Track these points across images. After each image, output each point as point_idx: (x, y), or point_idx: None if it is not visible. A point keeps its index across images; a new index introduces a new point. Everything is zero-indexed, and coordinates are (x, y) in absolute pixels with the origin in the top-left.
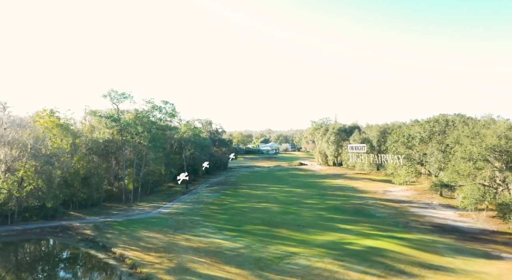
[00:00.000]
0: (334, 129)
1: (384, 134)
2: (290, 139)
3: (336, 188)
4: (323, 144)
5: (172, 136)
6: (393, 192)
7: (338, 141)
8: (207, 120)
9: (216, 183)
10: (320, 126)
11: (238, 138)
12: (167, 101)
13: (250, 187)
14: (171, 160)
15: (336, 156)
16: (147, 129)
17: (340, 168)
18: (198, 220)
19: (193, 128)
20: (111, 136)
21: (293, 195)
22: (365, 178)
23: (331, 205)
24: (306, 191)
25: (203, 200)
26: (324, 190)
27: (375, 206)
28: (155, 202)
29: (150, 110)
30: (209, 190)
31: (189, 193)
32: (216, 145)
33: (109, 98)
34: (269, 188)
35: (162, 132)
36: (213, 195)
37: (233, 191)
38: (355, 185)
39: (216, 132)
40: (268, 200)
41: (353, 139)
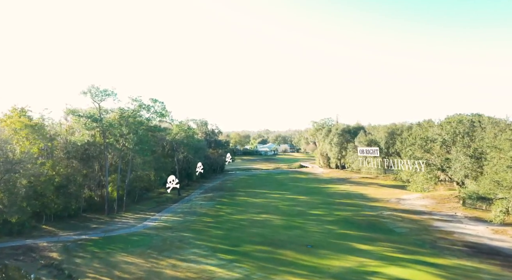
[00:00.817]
0: (337, 130)
1: (392, 136)
2: (289, 139)
3: (344, 195)
4: (325, 145)
5: (163, 138)
6: (408, 200)
7: (341, 142)
8: (203, 120)
9: (212, 189)
10: (321, 127)
11: (236, 138)
12: (156, 99)
13: (248, 194)
14: (161, 164)
15: (340, 158)
16: (133, 131)
17: (343, 171)
18: (188, 238)
19: (186, 129)
20: (91, 138)
21: (296, 203)
22: (373, 183)
23: (341, 217)
24: (310, 199)
25: (196, 211)
26: (330, 197)
27: (392, 218)
28: (142, 212)
29: (137, 109)
30: (203, 197)
31: (181, 201)
32: (212, 146)
33: (89, 95)
34: (270, 195)
35: (152, 134)
36: (208, 204)
37: (229, 199)
38: (364, 191)
39: (212, 133)
40: (269, 211)
41: (358, 140)
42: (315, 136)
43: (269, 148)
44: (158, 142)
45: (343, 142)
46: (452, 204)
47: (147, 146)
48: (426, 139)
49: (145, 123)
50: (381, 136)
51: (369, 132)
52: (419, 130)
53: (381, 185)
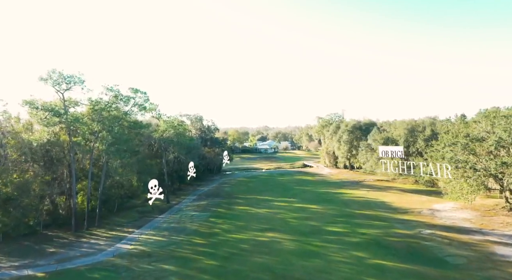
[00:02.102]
0: (347, 127)
1: (413, 133)
2: (289, 136)
3: (363, 204)
4: (333, 143)
5: (150, 136)
6: (444, 212)
7: (351, 140)
8: (197, 116)
9: (207, 195)
10: (328, 123)
11: (234, 135)
12: (138, 89)
13: (249, 202)
14: (146, 167)
15: (349, 158)
16: (107, 127)
17: (353, 172)
18: (169, 273)
19: (176, 125)
20: (53, 137)
21: (308, 215)
22: (392, 187)
23: (370, 238)
24: (323, 208)
25: (186, 227)
26: (347, 207)
27: (436, 240)
28: (119, 228)
29: (113, 100)
30: (196, 205)
31: (169, 211)
32: (207, 145)
33: (50, 82)
34: (274, 203)
35: (134, 132)
36: (201, 216)
37: (227, 209)
38: (386, 199)
39: (207, 130)
40: (275, 226)
41: (373, 138)
42: (320, 133)
43: (269, 146)
44: (144, 141)
45: (353, 140)
46: (503, 218)
47: (126, 146)
48: (471, 138)
49: (123, 118)
50: (400, 133)
51: (383, 129)
52: (457, 127)
53: (403, 190)
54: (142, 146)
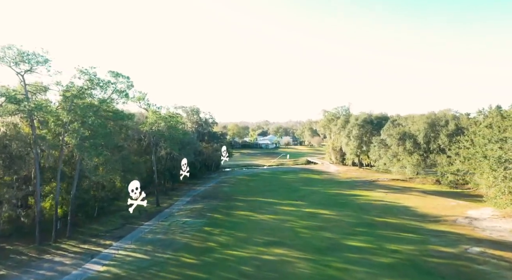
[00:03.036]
0: (357, 120)
1: (434, 127)
2: (291, 131)
3: (382, 209)
4: (340, 138)
5: (140, 130)
6: (484, 221)
7: (361, 135)
8: (193, 108)
9: (202, 196)
10: (334, 117)
11: (234, 130)
12: (119, 73)
13: (250, 205)
14: (133, 165)
15: (358, 154)
16: (80, 118)
17: (363, 170)
18: None
19: (168, 117)
20: (11, 130)
21: (321, 224)
22: (411, 188)
23: (403, 258)
24: (338, 215)
25: (174, 239)
26: (366, 212)
27: (489, 262)
28: (95, 239)
29: (86, 85)
30: (190, 210)
31: (158, 216)
32: (205, 139)
33: (6, 61)
34: (279, 207)
35: (121, 125)
36: (194, 224)
37: (225, 214)
38: (408, 202)
39: (205, 123)
40: (283, 239)
41: (387, 133)
42: (326, 127)
43: (270, 141)
44: (133, 135)
45: (363, 135)
46: None
47: (106, 141)
48: None
49: (101, 107)
50: (418, 127)
51: (398, 123)
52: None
53: (424, 192)
54: (129, 141)
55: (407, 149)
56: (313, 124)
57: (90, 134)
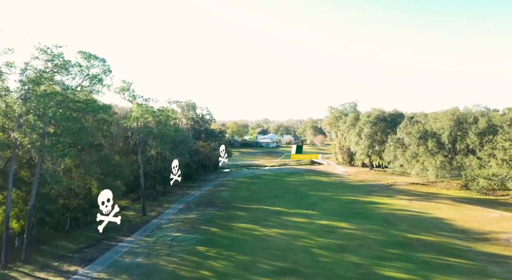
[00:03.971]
0: (369, 118)
1: (461, 125)
2: (291, 130)
3: (412, 221)
4: (350, 137)
5: (123, 126)
6: None
7: (373, 134)
8: (189, 103)
9: (197, 203)
10: (342, 114)
11: (233, 128)
12: (92, 54)
13: (253, 215)
14: (114, 168)
15: (370, 154)
16: (37, 110)
17: (375, 172)
18: None
19: (156, 111)
20: None
21: (341, 243)
22: (437, 195)
23: None
24: (360, 229)
25: (158, 265)
26: (392, 226)
27: None
28: (57, 264)
29: (47, 68)
30: (181, 221)
31: (142, 229)
32: (202, 137)
33: None
34: (288, 217)
35: (101, 120)
36: (185, 242)
37: (223, 228)
38: (440, 213)
39: (201, 120)
40: (297, 266)
41: (405, 131)
42: (333, 125)
43: (270, 139)
44: (119, 132)
45: (375, 134)
46: None
47: (75, 138)
48: None
49: (68, 96)
50: (442, 125)
51: (416, 120)
52: None
53: (454, 199)
54: (112, 139)
55: (429, 149)
56: (318, 122)
57: (54, 130)
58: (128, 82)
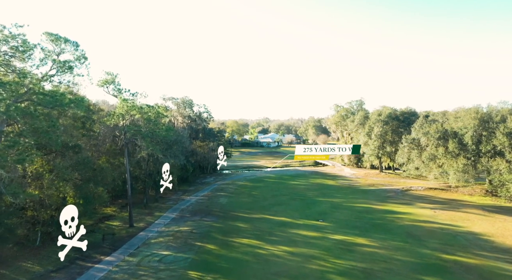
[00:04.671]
0: (381, 116)
1: (486, 124)
2: (293, 129)
3: (443, 237)
4: (359, 137)
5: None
6: None
7: (384, 134)
8: (186, 100)
9: (192, 211)
10: (348, 112)
11: (233, 127)
12: (61, 37)
13: (256, 228)
14: (95, 173)
15: (380, 156)
16: None
17: (386, 175)
18: None
19: (144, 107)
20: None
21: (364, 266)
22: (460, 202)
23: None
24: (383, 247)
25: None
26: (421, 243)
27: None
28: None
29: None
30: (172, 235)
31: (126, 246)
32: (199, 137)
33: None
34: (296, 231)
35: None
36: (175, 263)
37: (221, 245)
38: (473, 226)
39: (199, 118)
40: None
41: (422, 131)
42: (339, 124)
43: (271, 139)
44: (105, 132)
45: (386, 133)
46: None
47: (43, 138)
48: None
49: (32, 88)
50: (465, 124)
51: (433, 119)
52: None
53: (483, 207)
54: (97, 139)
55: (449, 151)
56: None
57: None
58: (112, 74)
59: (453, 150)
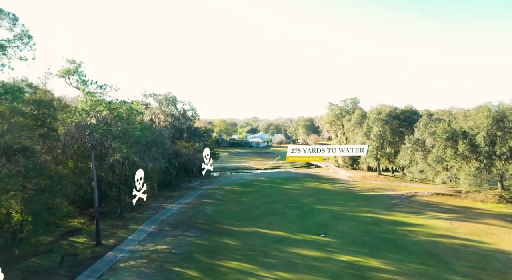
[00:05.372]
0: (380, 115)
1: (501, 123)
2: (282, 128)
3: (470, 257)
4: (355, 137)
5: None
6: None
7: (383, 134)
8: (168, 96)
9: (173, 224)
10: (343, 111)
11: (221, 126)
12: None
13: (247, 246)
14: (53, 181)
15: (378, 157)
16: None
17: (385, 178)
18: None
19: (113, 102)
20: None
21: None
22: (474, 210)
23: None
24: (401, 272)
25: None
26: (447, 267)
27: None
28: None
29: None
30: (145, 257)
31: (88, 271)
32: (184, 137)
33: None
34: (294, 249)
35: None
36: None
37: (205, 272)
38: (501, 243)
39: (183, 117)
40: None
41: (428, 131)
42: (333, 124)
43: (261, 139)
44: (70, 131)
45: (385, 133)
46: None
47: None
48: None
49: None
50: (476, 124)
51: (437, 118)
52: None
53: (503, 217)
54: (61, 140)
55: (459, 153)
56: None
57: None
58: (75, 62)
59: (464, 152)
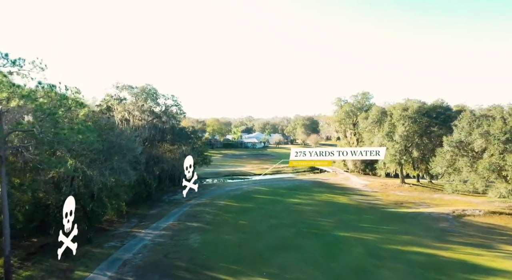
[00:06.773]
0: (407, 111)
1: None
2: (279, 128)
3: None
4: (373, 138)
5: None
6: None
7: (411, 134)
8: (148, 89)
9: (140, 269)
10: (356, 108)
11: (214, 126)
12: None
13: None
14: None
15: (402, 162)
16: None
17: (412, 187)
18: None
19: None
20: None
21: None
22: None
23: None
24: None
25: None
26: None
27: None
28: None
29: None
30: None
31: None
32: (167, 139)
33: None
34: None
35: None
36: None
37: None
38: None
39: (165, 114)
40: None
41: (479, 131)
42: (343, 123)
43: (257, 139)
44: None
45: (412, 134)
46: None
47: None
48: None
49: None
50: None
51: (483, 115)
52: None
53: None
54: None
55: None
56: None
57: None
58: None
59: None
